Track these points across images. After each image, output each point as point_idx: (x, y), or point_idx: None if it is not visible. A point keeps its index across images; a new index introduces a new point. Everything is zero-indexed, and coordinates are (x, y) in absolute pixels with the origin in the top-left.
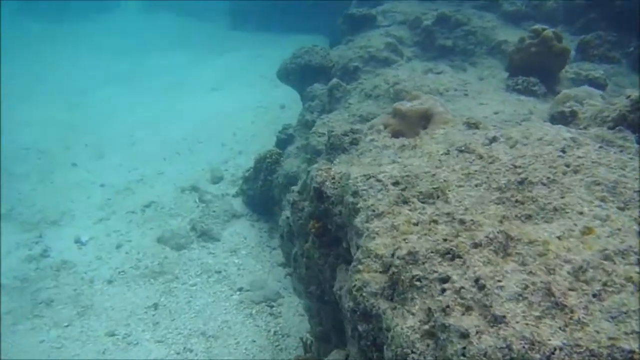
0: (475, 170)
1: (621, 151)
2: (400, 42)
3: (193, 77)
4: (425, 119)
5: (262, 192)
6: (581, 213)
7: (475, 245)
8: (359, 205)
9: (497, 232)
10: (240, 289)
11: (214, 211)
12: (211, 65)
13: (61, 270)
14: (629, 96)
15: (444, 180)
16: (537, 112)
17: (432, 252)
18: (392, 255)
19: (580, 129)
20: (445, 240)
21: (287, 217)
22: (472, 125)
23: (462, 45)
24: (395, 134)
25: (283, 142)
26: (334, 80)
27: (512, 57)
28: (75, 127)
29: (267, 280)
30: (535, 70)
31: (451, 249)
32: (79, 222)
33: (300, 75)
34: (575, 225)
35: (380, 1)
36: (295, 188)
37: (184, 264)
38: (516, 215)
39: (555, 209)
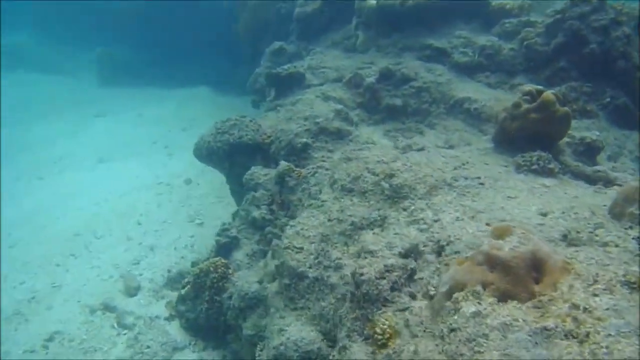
0: None
1: None
2: (342, 105)
3: (73, 149)
4: (535, 268)
5: (209, 316)
6: None
7: None
8: None
9: None
10: None
11: (147, 347)
12: (91, 132)
13: None
14: None
15: None
16: (590, 208)
17: None
18: None
19: None
20: None
21: None
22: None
23: (415, 105)
24: (502, 296)
25: (225, 247)
26: (284, 165)
27: (505, 125)
28: None
29: None
30: (533, 140)
31: None
32: None
33: (227, 155)
34: None
35: (303, 54)
36: None
37: None
38: None
39: None
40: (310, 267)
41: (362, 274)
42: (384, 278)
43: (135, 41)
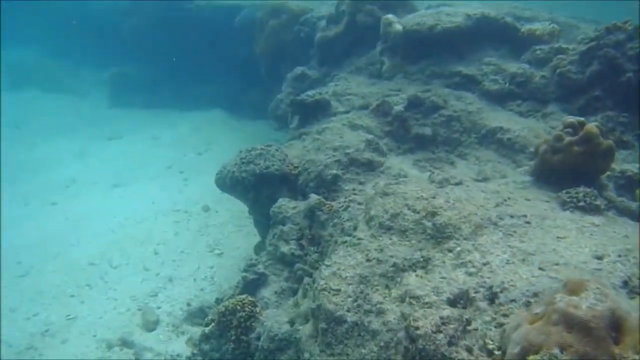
0: None
1: None
2: (370, 134)
3: (86, 172)
4: (614, 327)
5: (236, 357)
6: None
7: None
8: None
9: None
10: None
11: None
12: (104, 155)
13: None
14: None
15: None
16: None
17: None
18: None
19: None
20: None
21: None
22: None
23: (445, 134)
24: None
25: (252, 284)
26: (315, 198)
27: (545, 158)
28: None
29: None
30: (575, 174)
31: None
32: None
33: (253, 185)
34: None
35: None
36: None
37: None
38: None
39: None
40: (348, 311)
41: (417, 328)
42: (441, 332)
43: (145, 61)
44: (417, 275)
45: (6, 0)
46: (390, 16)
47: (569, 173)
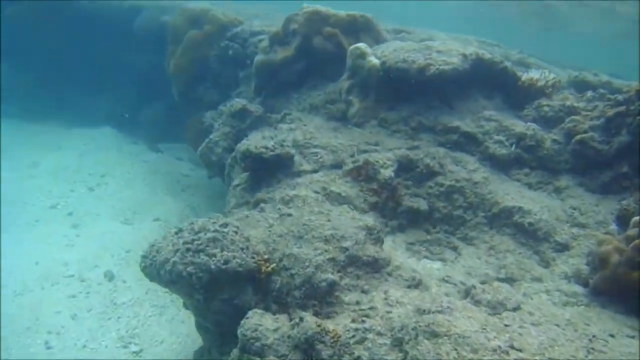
0: None
1: None
2: (344, 202)
3: None
4: None
5: None
6: None
7: None
8: None
9: None
10: None
11: None
12: None
13: None
14: None
15: None
16: None
17: None
18: None
19: None
20: None
21: None
22: None
23: (445, 210)
24: None
25: None
26: (311, 324)
27: (619, 274)
28: None
29: None
30: None
31: None
32: None
33: (205, 285)
34: None
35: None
36: None
37: None
38: None
39: None
40: None
41: None
42: None
43: (21, 61)
44: None
45: None
46: (362, 45)
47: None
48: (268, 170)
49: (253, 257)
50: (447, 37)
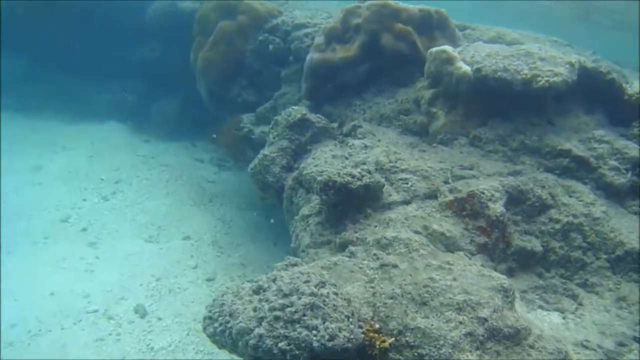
0: None
1: None
2: (448, 243)
3: None
4: None
5: None
6: None
7: None
8: None
9: None
10: None
11: None
12: None
13: None
14: None
15: None
16: None
17: None
18: None
19: None
20: None
21: None
22: None
23: (561, 251)
24: None
25: None
26: None
27: None
28: None
29: None
30: None
31: None
32: None
33: None
34: None
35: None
36: None
37: None
38: None
39: None
40: None
41: None
42: None
43: (19, 49)
44: None
45: None
46: (448, 49)
47: None
48: (353, 203)
49: (360, 327)
50: (519, 35)
